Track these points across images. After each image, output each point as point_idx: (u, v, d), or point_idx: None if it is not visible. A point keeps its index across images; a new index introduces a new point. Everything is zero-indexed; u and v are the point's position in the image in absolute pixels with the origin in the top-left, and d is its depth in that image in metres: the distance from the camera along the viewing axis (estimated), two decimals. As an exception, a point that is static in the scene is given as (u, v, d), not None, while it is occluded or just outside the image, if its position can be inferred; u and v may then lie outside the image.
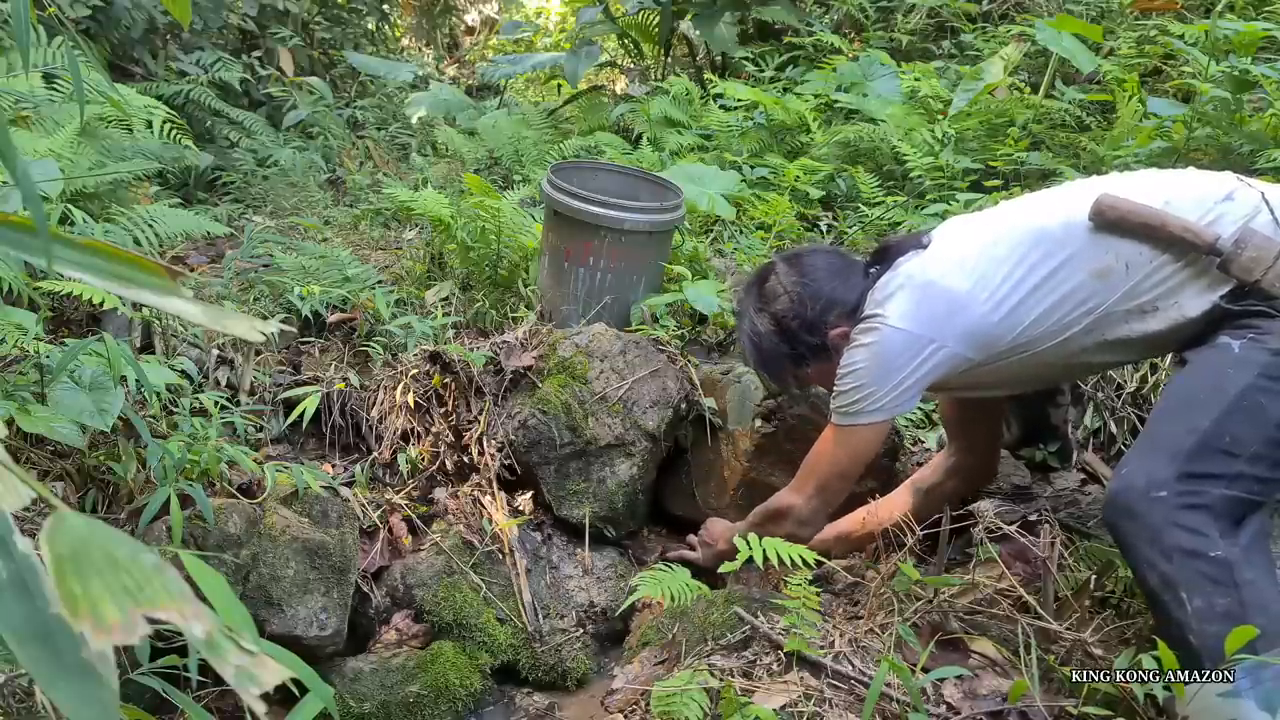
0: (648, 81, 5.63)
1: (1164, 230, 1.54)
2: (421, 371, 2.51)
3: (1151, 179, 1.67)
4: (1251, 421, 1.43)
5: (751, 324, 1.92)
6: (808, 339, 1.85)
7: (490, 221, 2.92)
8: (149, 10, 4.38)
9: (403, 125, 5.32)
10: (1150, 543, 1.41)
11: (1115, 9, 4.27)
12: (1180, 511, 1.40)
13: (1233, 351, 1.49)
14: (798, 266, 1.91)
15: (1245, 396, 1.44)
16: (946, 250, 1.74)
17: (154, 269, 0.65)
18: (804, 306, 1.85)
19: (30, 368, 1.86)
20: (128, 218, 2.85)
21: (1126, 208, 1.57)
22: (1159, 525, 1.40)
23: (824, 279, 1.87)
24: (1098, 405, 2.45)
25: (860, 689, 1.54)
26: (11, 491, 0.52)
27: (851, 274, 1.86)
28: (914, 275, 1.73)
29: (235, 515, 1.92)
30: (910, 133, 3.67)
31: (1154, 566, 1.41)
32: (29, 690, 1.49)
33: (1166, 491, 1.42)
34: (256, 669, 0.49)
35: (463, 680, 2.07)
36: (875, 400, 1.72)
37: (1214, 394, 1.47)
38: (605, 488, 2.36)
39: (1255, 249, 1.48)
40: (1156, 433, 1.52)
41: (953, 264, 1.70)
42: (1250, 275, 1.48)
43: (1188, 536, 1.39)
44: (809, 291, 1.85)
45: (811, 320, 1.84)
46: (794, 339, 1.86)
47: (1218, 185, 1.60)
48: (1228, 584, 1.35)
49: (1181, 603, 1.37)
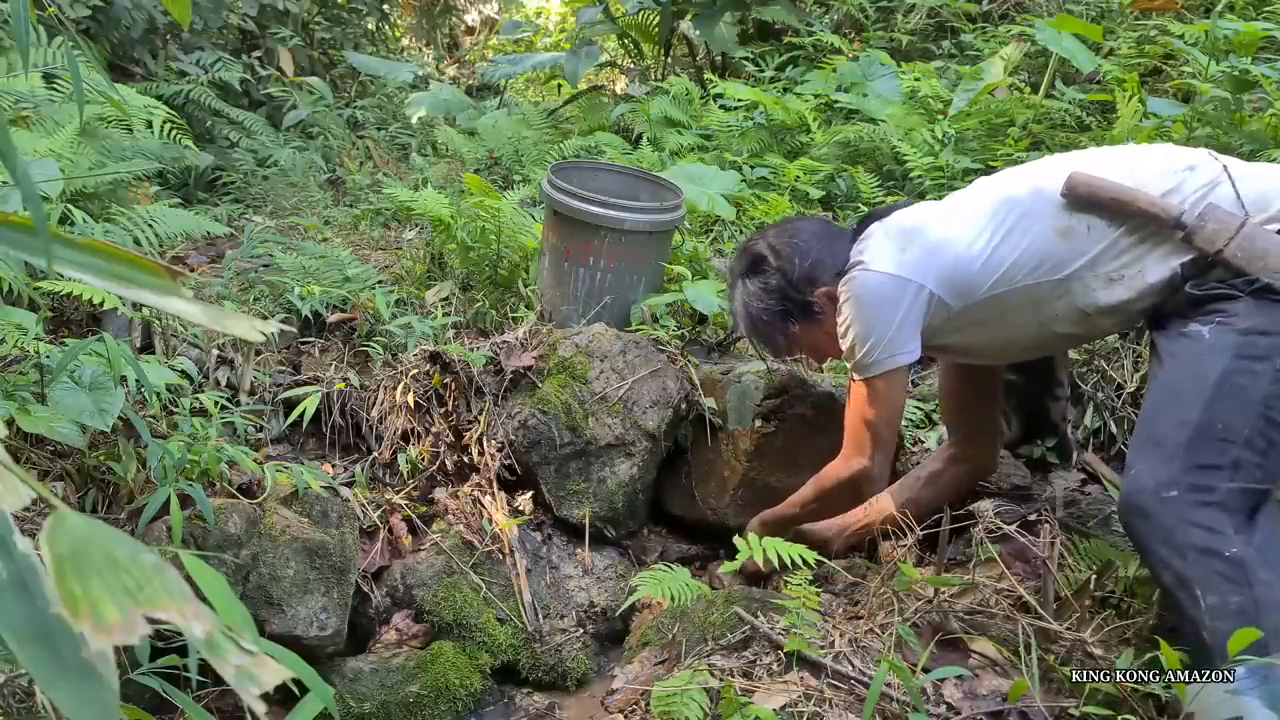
0: (648, 81, 5.63)
1: (1133, 206, 1.59)
2: (421, 371, 2.51)
3: (1121, 152, 1.73)
4: (1237, 404, 1.46)
5: (742, 287, 1.99)
6: (795, 295, 1.91)
7: (490, 221, 2.92)
8: (149, 10, 4.38)
9: (403, 125, 5.32)
10: (1164, 541, 1.43)
11: (1115, 9, 4.27)
12: (1194, 509, 1.42)
13: (1204, 339, 1.52)
14: (785, 230, 2.00)
15: (1225, 381, 1.47)
16: (923, 209, 1.87)
17: (154, 269, 0.65)
18: (791, 265, 1.91)
19: (30, 368, 1.86)
20: (128, 218, 2.85)
21: (1098, 184, 1.62)
22: (1173, 524, 1.42)
23: (810, 240, 1.94)
24: (1098, 405, 2.45)
25: (860, 689, 1.54)
26: (11, 491, 0.52)
27: (838, 239, 1.93)
28: (890, 225, 1.83)
29: (235, 515, 1.92)
30: (910, 133, 3.67)
31: (1169, 565, 1.42)
32: (29, 690, 1.48)
33: (1177, 490, 1.43)
34: (256, 669, 0.49)
35: (463, 680, 2.07)
36: (879, 349, 1.77)
37: (1195, 383, 1.49)
38: (605, 488, 2.36)
39: (1218, 222, 1.52)
40: (1150, 430, 1.54)
41: (929, 216, 1.81)
42: (1213, 246, 1.52)
43: (1202, 534, 1.40)
44: (796, 251, 1.92)
45: (798, 278, 1.90)
46: (782, 295, 1.92)
47: (1183, 156, 1.65)
48: (1242, 583, 1.36)
49: (1196, 600, 1.38)
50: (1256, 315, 1.49)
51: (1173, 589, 1.42)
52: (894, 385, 1.83)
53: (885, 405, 1.85)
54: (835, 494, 2.00)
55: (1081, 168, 1.65)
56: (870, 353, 1.78)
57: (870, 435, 1.89)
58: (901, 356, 1.79)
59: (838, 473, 1.98)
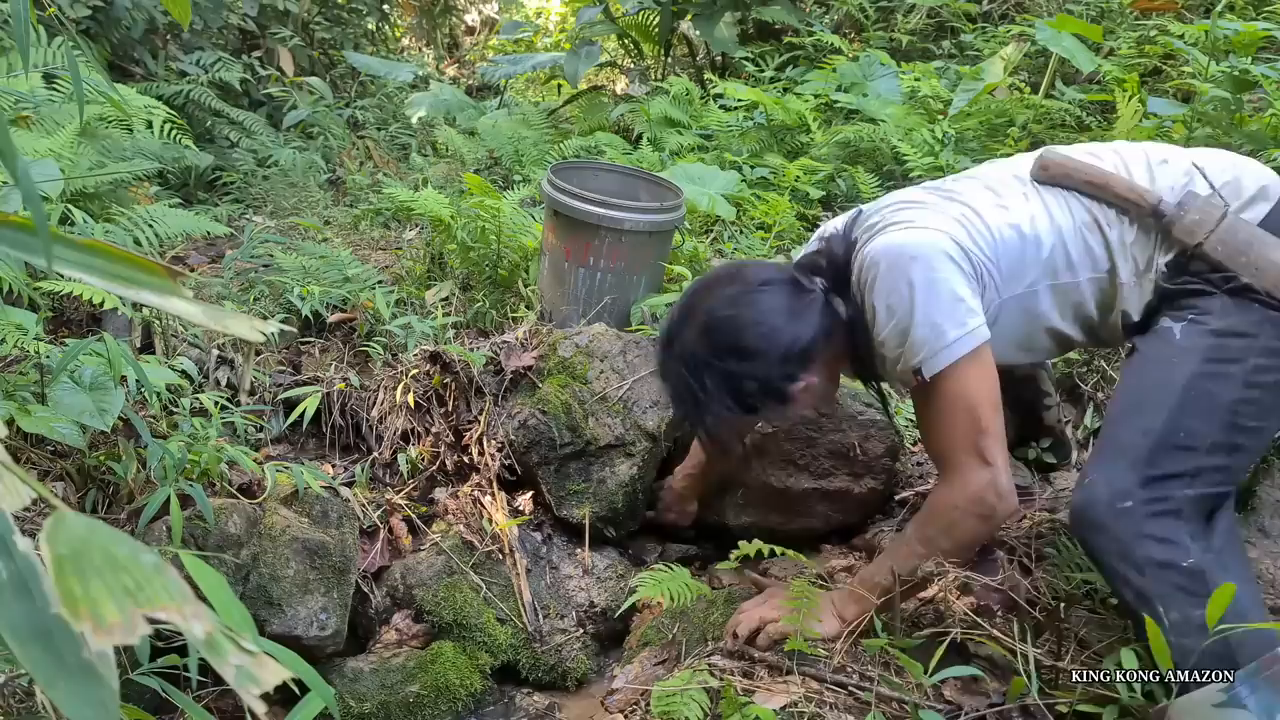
0: (648, 81, 5.63)
1: (1108, 189, 1.51)
2: (421, 371, 2.51)
3: (1103, 145, 1.64)
4: (1203, 412, 1.40)
5: (694, 374, 1.57)
6: (771, 404, 1.59)
7: (490, 221, 2.92)
8: (149, 10, 4.38)
9: (403, 125, 5.32)
10: (1121, 557, 1.37)
11: (1115, 9, 4.27)
12: (1148, 521, 1.37)
13: (1174, 338, 1.45)
14: (752, 307, 1.56)
15: (1192, 386, 1.41)
16: (937, 183, 1.68)
17: (154, 269, 0.65)
18: (767, 365, 1.55)
19: (30, 368, 1.86)
20: (128, 218, 2.85)
21: (1072, 165, 1.55)
22: (1128, 538, 1.37)
23: (787, 324, 1.55)
24: (1098, 405, 2.45)
25: (860, 690, 1.54)
26: (11, 491, 0.52)
27: (811, 307, 1.58)
28: (910, 191, 1.64)
29: (235, 515, 1.92)
30: (910, 133, 3.67)
31: (1127, 581, 1.38)
32: (29, 690, 1.48)
33: (1132, 501, 1.37)
34: (256, 669, 0.49)
35: (463, 680, 2.07)
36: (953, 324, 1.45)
37: (1162, 390, 1.43)
38: (605, 488, 2.36)
39: (1198, 212, 1.44)
40: (1112, 437, 1.47)
41: (959, 184, 1.63)
42: (1193, 238, 1.44)
43: (1159, 547, 1.36)
44: (772, 344, 1.54)
45: (777, 379, 1.56)
46: (764, 390, 1.57)
47: (1158, 150, 1.58)
48: (1202, 594, 1.30)
49: (1159, 616, 1.34)
50: (1233, 315, 1.43)
51: (1133, 605, 1.38)
52: (987, 363, 1.48)
53: (985, 389, 1.48)
54: (959, 530, 1.51)
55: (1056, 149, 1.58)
56: (947, 329, 1.44)
57: (979, 434, 1.48)
58: (984, 328, 1.47)
59: (951, 499, 1.51)
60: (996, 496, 1.49)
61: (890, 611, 1.57)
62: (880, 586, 1.59)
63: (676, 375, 1.61)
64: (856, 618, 1.61)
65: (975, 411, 1.47)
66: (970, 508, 1.50)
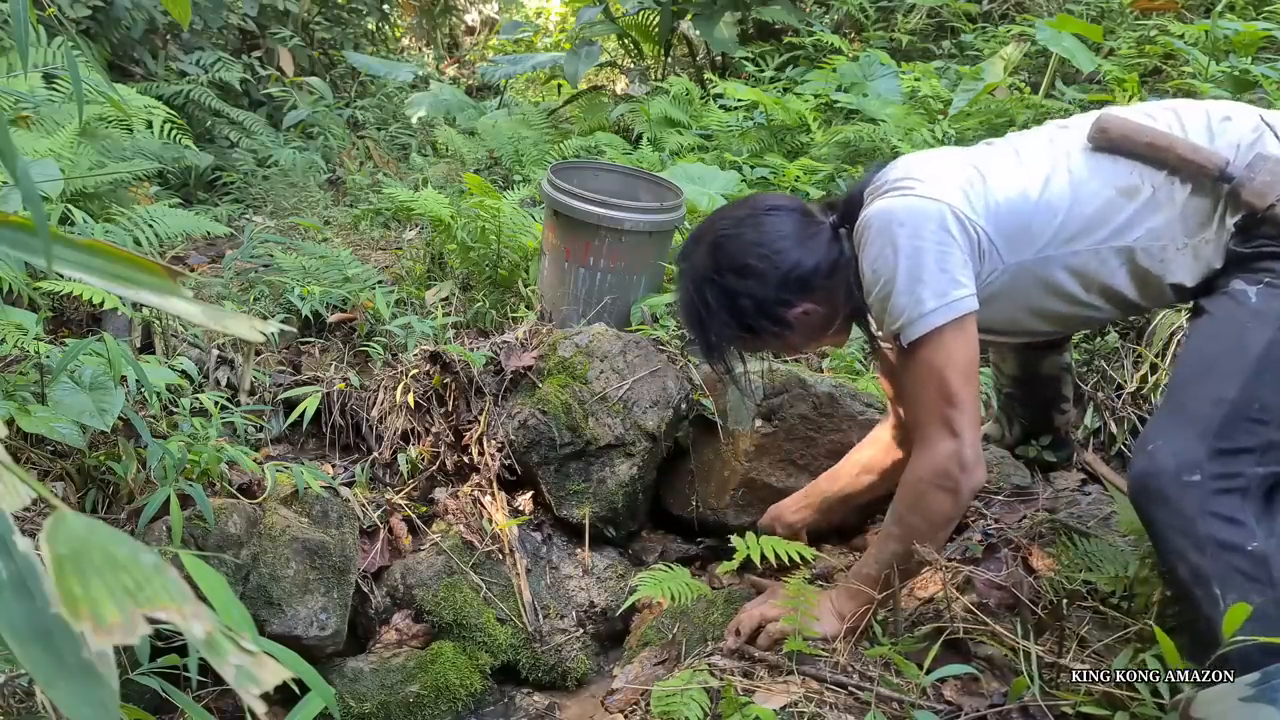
0: (648, 81, 5.63)
1: (1171, 152, 1.44)
2: (421, 371, 2.51)
3: (1157, 104, 1.56)
4: (1279, 382, 1.33)
5: (698, 290, 1.62)
6: (767, 325, 1.62)
7: (490, 221, 2.92)
8: (149, 10, 4.38)
9: (403, 125, 5.33)
10: (1183, 533, 1.31)
11: (1115, 9, 4.27)
12: (1214, 498, 1.30)
13: (1250, 301, 1.38)
14: (758, 229, 1.61)
15: (1269, 354, 1.34)
16: (958, 150, 1.62)
17: (154, 269, 0.65)
18: (765, 285, 1.58)
19: (30, 368, 1.86)
20: (128, 218, 2.85)
21: (1132, 127, 1.47)
22: (1193, 513, 1.30)
23: (790, 248, 1.59)
24: (1098, 405, 2.45)
25: (860, 689, 1.54)
26: (11, 491, 0.52)
27: (817, 237, 1.61)
28: (922, 155, 1.59)
29: (235, 515, 1.92)
30: (910, 133, 3.67)
31: (1185, 558, 1.31)
32: (29, 690, 1.48)
33: (1200, 475, 1.30)
34: (256, 669, 0.49)
35: (463, 680, 2.07)
36: (936, 291, 1.46)
37: (1236, 356, 1.36)
38: (605, 488, 2.36)
39: (1269, 173, 1.38)
40: (1180, 403, 1.40)
41: (974, 152, 1.58)
42: (1263, 201, 1.37)
43: (1224, 527, 1.29)
44: (772, 265, 1.58)
45: (773, 302, 1.59)
46: (759, 311, 1.60)
47: (1219, 108, 1.51)
48: (1264, 581, 1.26)
49: (1215, 599, 1.28)
50: None
51: (1188, 584, 1.30)
52: (966, 334, 1.48)
53: (958, 360, 1.47)
54: (925, 505, 1.51)
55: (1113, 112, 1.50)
56: (926, 298, 1.45)
57: (947, 404, 1.47)
58: (968, 299, 1.47)
59: (917, 472, 1.52)
60: (960, 468, 1.47)
61: (889, 608, 1.57)
62: (870, 578, 1.59)
63: (684, 292, 1.68)
64: (854, 614, 1.61)
65: (946, 382, 1.47)
66: (934, 480, 1.50)
